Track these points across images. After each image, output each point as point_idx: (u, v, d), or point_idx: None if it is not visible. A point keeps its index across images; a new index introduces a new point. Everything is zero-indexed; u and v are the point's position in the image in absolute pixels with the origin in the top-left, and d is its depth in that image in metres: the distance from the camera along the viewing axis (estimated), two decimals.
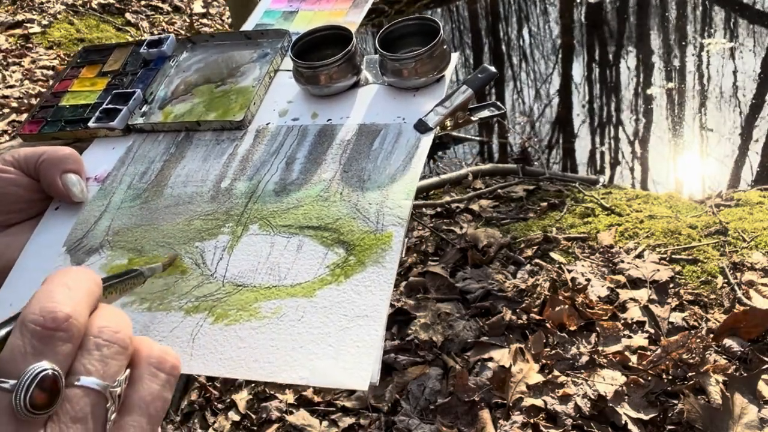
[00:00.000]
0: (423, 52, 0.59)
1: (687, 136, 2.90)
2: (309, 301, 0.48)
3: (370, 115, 0.61)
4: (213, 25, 4.38)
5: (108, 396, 0.30)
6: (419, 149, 0.56)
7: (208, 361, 0.45)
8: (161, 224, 0.56)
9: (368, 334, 0.45)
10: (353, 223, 0.52)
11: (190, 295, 0.50)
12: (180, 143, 0.63)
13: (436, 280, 1.65)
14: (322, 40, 0.65)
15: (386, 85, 0.63)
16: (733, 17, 4.06)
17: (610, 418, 1.20)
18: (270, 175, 0.58)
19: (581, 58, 3.98)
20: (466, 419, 1.26)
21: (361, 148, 0.58)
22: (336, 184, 0.55)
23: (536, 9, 4.90)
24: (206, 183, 0.59)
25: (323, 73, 0.61)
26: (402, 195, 0.53)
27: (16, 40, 3.47)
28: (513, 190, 2.14)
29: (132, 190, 0.60)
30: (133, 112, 0.66)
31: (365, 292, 0.47)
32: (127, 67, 0.71)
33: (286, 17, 0.77)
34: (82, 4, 4.02)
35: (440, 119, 0.58)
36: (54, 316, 0.30)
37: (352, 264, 0.49)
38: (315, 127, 0.61)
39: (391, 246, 0.49)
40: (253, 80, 0.66)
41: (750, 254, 1.54)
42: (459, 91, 0.60)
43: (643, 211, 1.84)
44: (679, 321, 1.38)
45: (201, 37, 0.73)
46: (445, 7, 5.10)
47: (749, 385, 1.17)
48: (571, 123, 3.23)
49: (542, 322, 1.44)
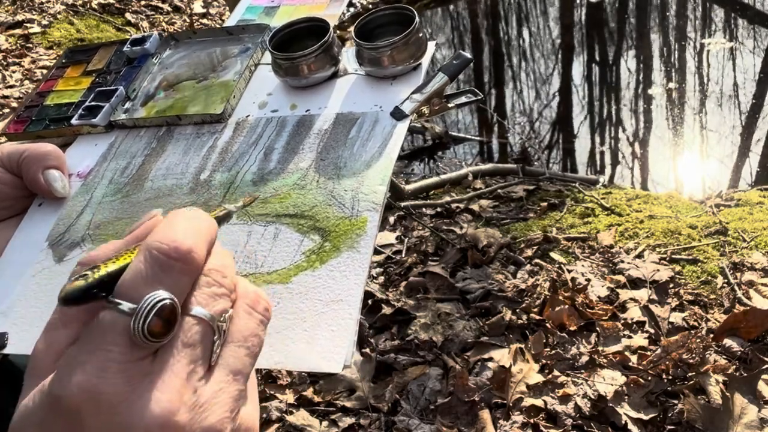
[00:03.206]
0: (398, 40, 0.60)
1: (687, 136, 2.90)
2: (285, 287, 0.48)
3: (348, 104, 0.62)
4: (213, 25, 4.37)
5: (215, 328, 0.32)
6: (394, 135, 0.57)
7: None
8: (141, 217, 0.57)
9: (342, 318, 0.45)
10: (329, 210, 0.52)
11: None
12: (161, 137, 0.64)
13: (436, 280, 1.65)
14: (301, 32, 0.66)
15: (364, 75, 0.64)
16: (733, 17, 4.06)
17: (610, 418, 1.20)
18: (248, 166, 0.58)
19: (581, 58, 3.98)
20: (466, 419, 1.26)
21: (338, 136, 0.59)
22: (312, 173, 0.56)
23: (536, 9, 4.90)
24: (186, 175, 0.59)
25: (301, 64, 0.62)
26: (377, 180, 0.53)
27: (16, 40, 3.47)
28: (513, 190, 2.14)
29: (113, 185, 0.60)
30: (116, 109, 0.66)
31: (340, 277, 0.48)
32: (111, 65, 0.72)
33: (267, 12, 0.78)
34: (82, 4, 4.02)
35: (416, 106, 0.59)
36: (177, 246, 0.31)
37: (327, 250, 0.50)
38: (294, 118, 0.62)
39: (366, 231, 0.50)
40: (234, 74, 0.67)
41: (750, 254, 1.54)
42: (435, 79, 0.60)
43: (643, 211, 1.84)
44: (679, 321, 1.38)
45: (184, 34, 0.74)
46: (445, 7, 5.10)
47: (749, 385, 1.17)
48: (571, 123, 3.23)
49: (542, 322, 1.44)
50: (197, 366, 0.31)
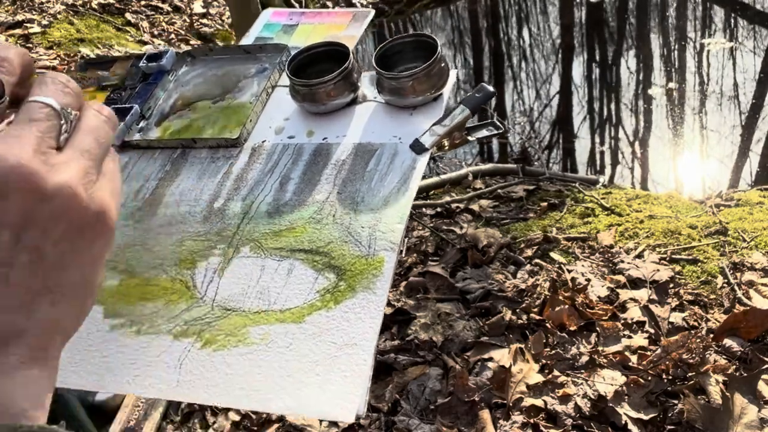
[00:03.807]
0: (420, 70, 0.58)
1: (687, 136, 2.90)
2: (298, 327, 0.47)
3: (366, 134, 0.60)
4: (213, 25, 4.37)
5: (62, 115, 0.36)
6: (414, 171, 0.56)
7: (194, 388, 0.45)
8: (153, 245, 0.56)
9: (356, 363, 0.44)
10: (345, 247, 0.51)
11: (179, 319, 0.49)
12: (175, 160, 0.63)
13: (436, 280, 1.65)
14: (319, 55, 0.64)
15: (383, 103, 0.63)
16: (733, 17, 4.05)
17: (610, 418, 1.20)
18: (263, 196, 0.57)
19: (581, 58, 3.98)
20: (466, 419, 1.26)
21: (356, 168, 0.57)
22: (329, 206, 0.54)
23: (536, 9, 4.90)
24: (200, 202, 0.58)
25: (320, 90, 0.60)
26: (395, 219, 0.52)
27: (16, 40, 3.47)
28: (513, 190, 2.14)
29: (126, 209, 0.60)
30: (131, 128, 0.66)
31: (355, 319, 0.47)
32: (126, 81, 0.71)
33: (285, 30, 0.76)
34: (82, 4, 4.02)
35: (436, 140, 0.57)
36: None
37: (342, 289, 0.49)
38: (311, 146, 0.61)
39: (383, 272, 0.49)
40: (250, 96, 0.66)
41: (750, 254, 1.54)
42: (456, 111, 0.59)
43: (643, 211, 1.84)
44: (679, 321, 1.38)
45: (200, 51, 0.73)
46: (445, 7, 5.10)
47: (749, 385, 1.17)
48: (571, 123, 3.22)
49: (542, 322, 1.44)
50: (46, 137, 0.34)
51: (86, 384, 0.47)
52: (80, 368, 0.48)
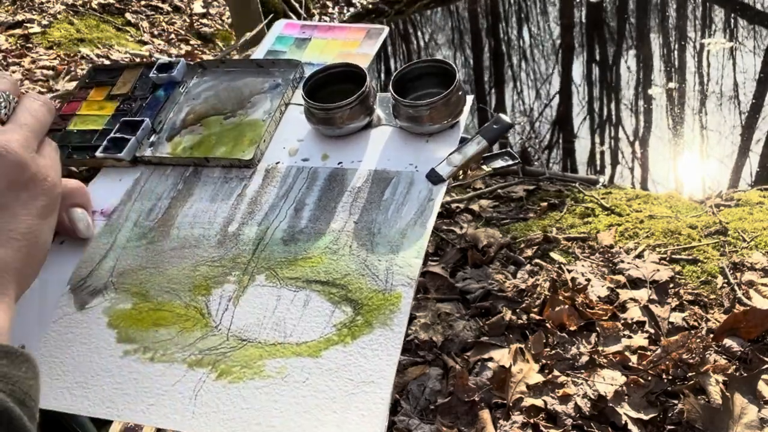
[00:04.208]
0: (438, 99, 0.57)
1: (687, 136, 2.90)
2: (314, 361, 0.46)
3: (382, 161, 0.59)
4: (213, 25, 4.38)
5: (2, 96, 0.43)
6: (432, 203, 0.55)
7: (209, 422, 0.44)
8: (167, 268, 0.55)
9: (374, 401, 0.43)
10: (362, 281, 0.50)
11: (194, 347, 0.49)
12: (188, 179, 0.62)
13: (436, 280, 1.65)
14: (334, 75, 0.63)
15: (399, 128, 0.62)
16: (733, 17, 4.06)
17: (610, 418, 1.20)
18: (278, 222, 0.56)
19: (581, 58, 3.98)
20: (466, 419, 1.26)
21: (372, 197, 0.56)
22: (345, 236, 0.54)
23: (536, 9, 4.90)
24: (213, 226, 0.57)
25: (336, 114, 0.59)
26: (412, 253, 0.51)
27: (16, 40, 3.47)
28: (513, 190, 2.14)
29: (138, 228, 0.58)
30: (142, 143, 0.64)
31: (372, 356, 0.46)
32: (136, 91, 0.69)
33: (298, 45, 0.75)
34: (82, 4, 4.02)
35: (453, 171, 0.56)
36: None
37: (359, 324, 0.48)
38: (325, 171, 0.60)
39: (400, 308, 0.48)
40: (263, 113, 0.65)
41: (750, 254, 1.54)
42: (473, 142, 0.58)
43: (643, 211, 1.84)
44: (679, 321, 1.38)
45: (212, 62, 0.71)
46: (445, 7, 5.10)
47: (749, 385, 1.17)
48: (571, 123, 3.23)
49: (542, 322, 1.44)
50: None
51: (99, 411, 0.46)
52: (92, 393, 0.47)
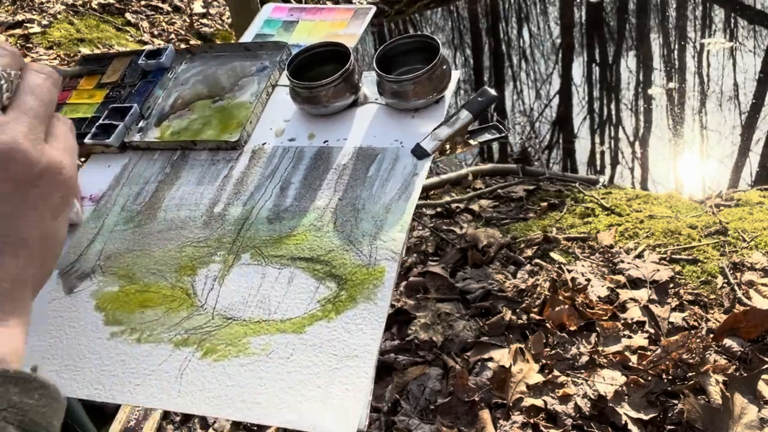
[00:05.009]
0: (422, 73, 0.57)
1: (687, 136, 2.90)
2: (299, 337, 0.47)
3: (368, 138, 0.59)
4: (213, 25, 4.37)
5: (2, 76, 0.38)
6: (416, 178, 0.55)
7: (195, 399, 0.45)
8: (153, 250, 0.55)
9: (358, 376, 0.44)
10: (346, 256, 0.51)
11: (180, 327, 0.49)
12: (175, 162, 0.62)
13: (436, 280, 1.65)
14: (319, 55, 0.64)
15: (384, 105, 0.62)
16: (733, 17, 4.05)
17: (610, 418, 1.20)
18: (264, 201, 0.57)
19: (581, 58, 3.98)
20: (466, 419, 1.26)
21: (357, 174, 0.56)
22: (330, 213, 0.54)
23: (536, 9, 4.90)
24: (200, 207, 0.58)
25: (321, 93, 0.60)
26: (396, 227, 0.52)
27: (16, 40, 3.47)
28: (513, 190, 2.14)
29: (125, 212, 0.59)
30: (130, 128, 0.65)
31: (356, 331, 0.46)
32: (125, 78, 0.70)
33: (286, 27, 0.75)
34: (82, 4, 4.02)
35: (438, 145, 0.56)
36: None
37: (343, 299, 0.48)
38: (311, 149, 0.60)
39: (383, 282, 0.48)
40: (250, 95, 0.65)
41: (750, 254, 1.54)
42: (458, 116, 0.57)
43: (643, 211, 1.84)
44: (679, 321, 1.38)
45: (200, 48, 0.72)
46: (445, 7, 5.09)
47: (749, 385, 1.17)
48: (571, 123, 3.22)
49: (542, 322, 1.44)
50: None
51: (87, 393, 0.46)
52: (80, 376, 0.48)
